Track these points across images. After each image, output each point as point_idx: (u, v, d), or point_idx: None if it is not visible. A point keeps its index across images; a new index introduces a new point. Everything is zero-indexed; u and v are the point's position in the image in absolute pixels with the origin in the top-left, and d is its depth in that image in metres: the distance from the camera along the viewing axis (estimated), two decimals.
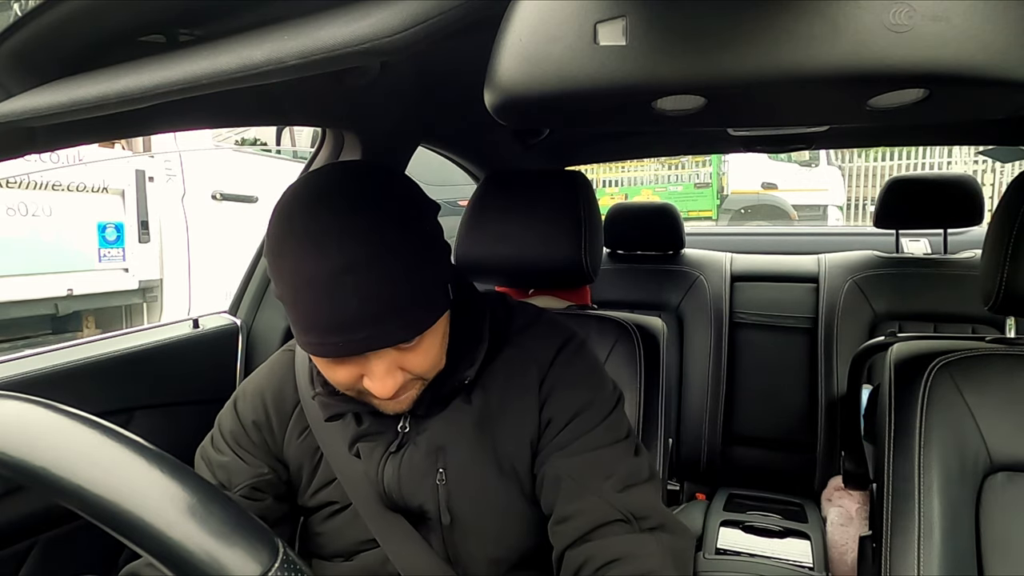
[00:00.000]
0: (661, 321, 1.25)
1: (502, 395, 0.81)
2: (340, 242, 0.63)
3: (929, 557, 0.83)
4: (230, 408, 0.88)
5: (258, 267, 1.36)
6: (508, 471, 0.80)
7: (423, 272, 0.68)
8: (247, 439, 0.85)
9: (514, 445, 0.80)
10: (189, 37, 0.63)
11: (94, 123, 0.78)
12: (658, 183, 9.56)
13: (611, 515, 0.73)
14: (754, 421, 2.00)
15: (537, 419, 0.80)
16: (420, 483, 0.79)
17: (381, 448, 0.81)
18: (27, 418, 0.37)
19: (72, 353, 1.06)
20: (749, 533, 1.59)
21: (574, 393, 0.80)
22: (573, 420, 0.79)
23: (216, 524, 0.33)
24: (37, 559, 0.98)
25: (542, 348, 0.83)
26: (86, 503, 0.34)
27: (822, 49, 0.38)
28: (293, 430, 0.85)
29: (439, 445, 0.79)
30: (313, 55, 0.48)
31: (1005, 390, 0.87)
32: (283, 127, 4.33)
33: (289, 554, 0.35)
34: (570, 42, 0.40)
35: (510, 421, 0.80)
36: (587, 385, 0.82)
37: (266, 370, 0.90)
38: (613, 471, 0.77)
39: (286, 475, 0.86)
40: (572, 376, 0.82)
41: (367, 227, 0.64)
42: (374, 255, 0.63)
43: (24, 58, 0.65)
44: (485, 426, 0.80)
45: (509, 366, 0.82)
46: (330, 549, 0.85)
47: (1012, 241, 0.88)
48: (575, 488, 0.76)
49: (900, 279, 1.81)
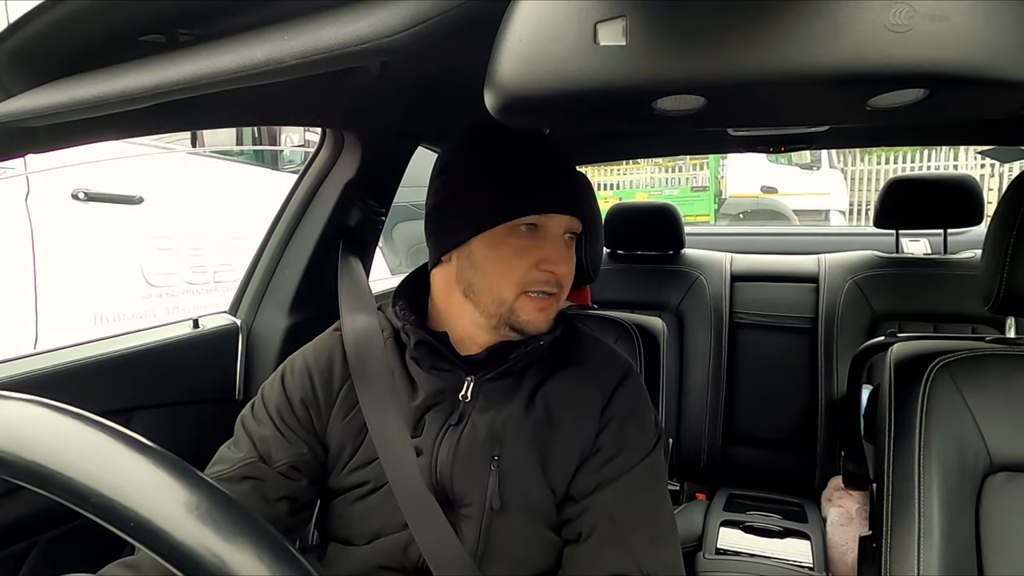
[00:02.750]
0: (661, 321, 1.25)
1: (562, 410, 0.83)
2: (536, 136, 0.84)
3: (929, 557, 0.83)
4: (276, 381, 0.88)
5: (258, 267, 1.36)
6: (550, 479, 0.82)
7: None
8: (292, 416, 0.85)
9: (562, 458, 0.82)
10: (189, 37, 0.62)
11: (94, 123, 0.78)
12: (654, 186, 9.44)
13: (631, 572, 0.76)
14: (754, 421, 2.00)
15: (592, 442, 0.83)
16: (473, 465, 0.80)
17: (440, 420, 0.82)
18: (28, 417, 0.37)
19: (72, 353, 1.06)
20: (749, 533, 1.59)
21: (628, 427, 0.84)
22: (620, 453, 0.82)
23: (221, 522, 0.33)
24: (37, 559, 0.98)
25: (606, 374, 0.87)
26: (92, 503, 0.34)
27: (822, 49, 0.38)
28: (339, 410, 0.85)
29: (497, 435, 0.81)
30: (313, 55, 0.48)
31: (1005, 390, 0.87)
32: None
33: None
34: (570, 42, 0.40)
35: (564, 436, 0.83)
36: (639, 421, 0.85)
37: (312, 349, 0.90)
38: (646, 523, 0.80)
39: (323, 457, 0.86)
40: (629, 409, 0.85)
41: (547, 138, 0.85)
42: (560, 152, 0.83)
43: (24, 58, 0.65)
44: (541, 432, 0.82)
45: (572, 383, 0.85)
46: (352, 532, 0.85)
47: (1012, 241, 0.88)
48: (608, 532, 0.79)
49: (900, 279, 1.81)
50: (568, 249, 0.82)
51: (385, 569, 0.82)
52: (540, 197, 0.79)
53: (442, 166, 0.85)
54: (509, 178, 0.79)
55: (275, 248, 1.33)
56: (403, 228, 4.26)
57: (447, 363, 0.84)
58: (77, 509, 0.34)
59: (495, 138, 0.82)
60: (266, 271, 1.34)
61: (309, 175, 1.32)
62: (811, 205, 8.36)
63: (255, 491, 0.80)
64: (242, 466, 0.81)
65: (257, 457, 0.82)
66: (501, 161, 0.81)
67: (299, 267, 1.31)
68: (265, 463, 0.82)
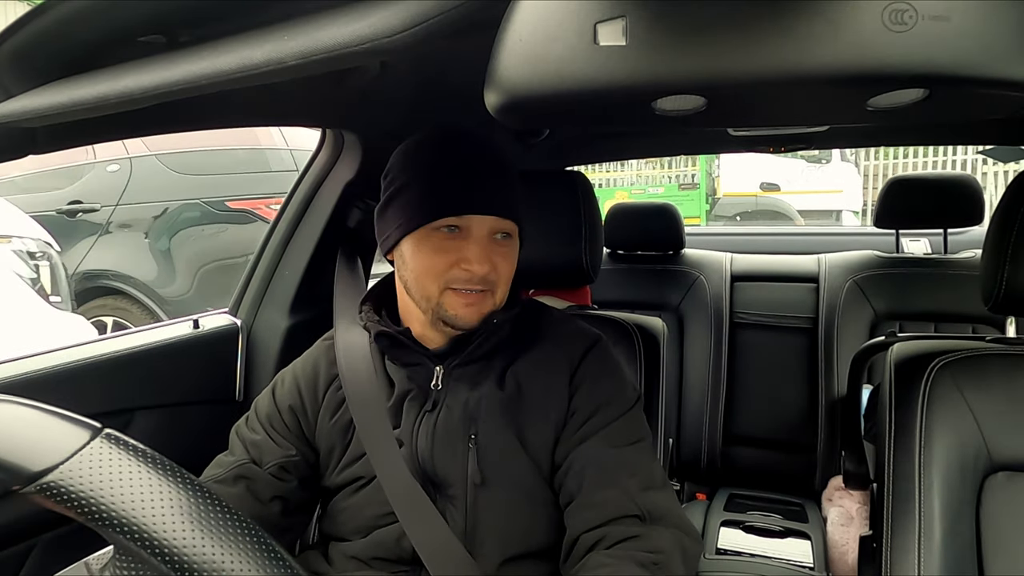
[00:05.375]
0: (661, 321, 1.25)
1: (532, 384, 0.86)
2: (472, 137, 0.86)
3: (929, 557, 0.83)
4: (268, 393, 0.96)
5: (258, 267, 1.36)
6: (532, 453, 0.84)
7: (518, 188, 0.86)
8: (281, 423, 0.92)
9: (540, 431, 0.85)
10: (189, 37, 0.63)
11: (94, 123, 0.78)
12: (636, 184, 8.54)
13: (631, 509, 0.78)
14: (754, 421, 2.00)
15: (566, 409, 0.85)
16: (452, 446, 0.84)
17: (416, 409, 0.87)
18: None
19: (72, 353, 1.06)
20: (749, 533, 1.59)
21: (599, 387, 0.86)
22: (597, 412, 0.84)
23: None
24: (37, 560, 0.98)
25: (574, 345, 0.89)
26: None
27: (822, 49, 0.38)
28: (326, 412, 0.91)
29: (471, 414, 0.84)
30: (313, 55, 0.48)
31: (1005, 390, 0.87)
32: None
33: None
34: (570, 42, 0.40)
35: (538, 408, 0.85)
36: (611, 381, 0.88)
37: (300, 362, 0.97)
38: (637, 471, 0.82)
39: (314, 459, 0.92)
40: (598, 372, 0.88)
41: (490, 139, 0.86)
42: (494, 153, 0.85)
43: (24, 58, 0.65)
44: (514, 408, 0.85)
45: (541, 358, 0.88)
46: (349, 527, 0.89)
47: (1012, 241, 0.88)
48: (600, 478, 0.80)
49: (900, 279, 1.81)
50: (495, 247, 0.84)
51: (381, 560, 0.85)
52: (458, 200, 0.82)
53: (385, 170, 0.89)
54: (429, 182, 0.83)
55: (275, 248, 1.33)
56: (193, 240, 3.01)
57: (415, 356, 0.88)
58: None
59: (429, 142, 0.86)
60: (266, 271, 1.34)
61: (309, 175, 1.32)
62: (819, 204, 7.44)
63: (248, 491, 0.86)
64: (235, 468, 0.88)
65: (249, 460, 0.89)
66: (427, 165, 0.85)
67: (299, 267, 1.31)
68: (256, 465, 0.89)
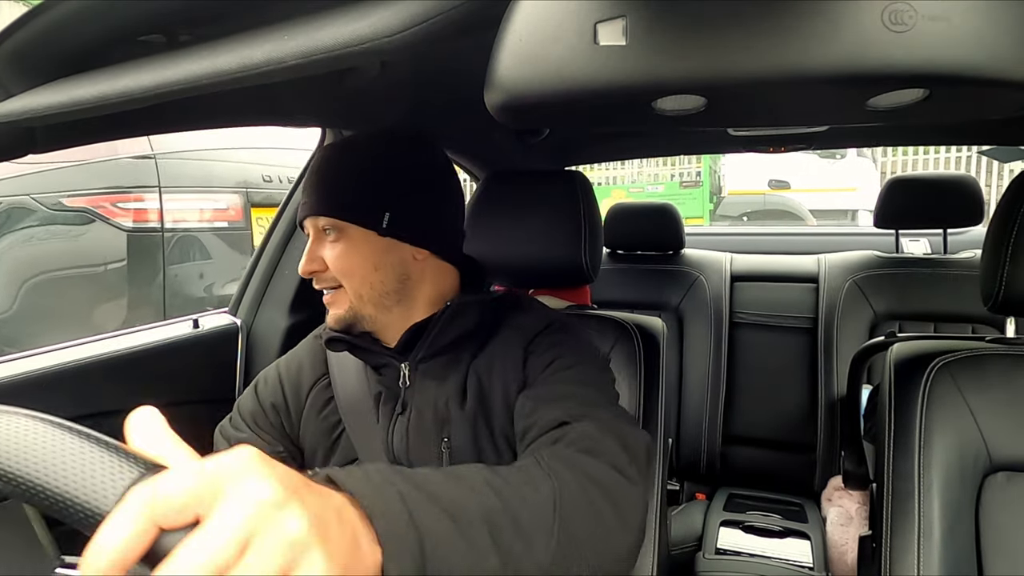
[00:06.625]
0: (661, 321, 1.24)
1: (492, 370, 0.84)
2: (347, 142, 0.87)
3: (929, 557, 0.83)
4: (251, 391, 0.94)
5: (258, 267, 1.36)
6: (502, 445, 0.82)
7: (376, 189, 0.82)
8: (265, 420, 0.91)
9: (503, 413, 0.82)
10: (189, 37, 0.63)
11: (94, 123, 0.78)
12: (635, 181, 8.17)
13: (564, 418, 0.71)
14: (754, 421, 2.00)
15: (521, 380, 0.82)
16: (427, 451, 0.83)
17: (389, 412, 0.86)
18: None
19: (72, 353, 1.06)
20: (749, 533, 1.59)
21: (551, 351, 0.82)
22: (547, 368, 0.81)
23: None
24: None
25: (531, 325, 0.87)
26: None
27: (822, 49, 0.38)
28: (310, 411, 0.90)
29: (442, 417, 0.83)
30: (313, 55, 0.48)
31: (1005, 390, 0.87)
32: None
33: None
34: (570, 42, 0.40)
35: (498, 390, 0.83)
36: (565, 347, 0.83)
37: (284, 359, 0.96)
38: (583, 397, 0.75)
39: (300, 460, 0.91)
40: (552, 341, 0.84)
41: (366, 142, 0.86)
42: (350, 156, 0.84)
43: (24, 58, 0.65)
44: (481, 400, 0.83)
45: (499, 347, 0.86)
46: None
47: (1012, 241, 0.88)
48: (541, 402, 0.75)
49: (900, 279, 1.81)
50: (325, 244, 0.83)
51: None
52: (301, 205, 0.86)
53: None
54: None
55: (275, 248, 1.33)
56: (19, 245, 2.55)
57: (380, 357, 0.87)
58: None
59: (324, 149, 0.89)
60: (266, 271, 1.34)
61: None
62: (833, 204, 6.91)
63: None
64: None
65: None
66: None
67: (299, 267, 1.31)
68: None
